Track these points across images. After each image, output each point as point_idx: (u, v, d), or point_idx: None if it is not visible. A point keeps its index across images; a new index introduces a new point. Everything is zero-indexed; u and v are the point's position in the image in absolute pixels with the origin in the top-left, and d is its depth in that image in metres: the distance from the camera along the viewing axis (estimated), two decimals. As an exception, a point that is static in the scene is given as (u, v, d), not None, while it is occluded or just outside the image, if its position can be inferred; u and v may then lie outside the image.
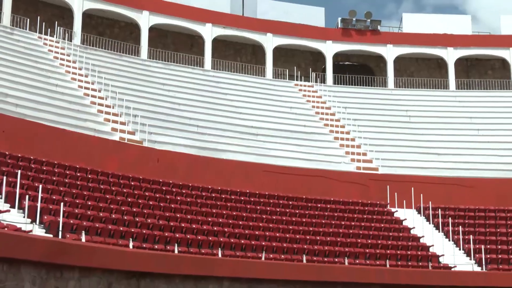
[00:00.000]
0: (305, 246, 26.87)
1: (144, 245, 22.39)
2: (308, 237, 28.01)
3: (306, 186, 33.80)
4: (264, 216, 29.07)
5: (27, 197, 21.16)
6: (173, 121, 36.14)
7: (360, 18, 48.09)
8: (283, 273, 23.77)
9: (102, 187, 26.35)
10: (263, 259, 24.78)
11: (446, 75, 48.00)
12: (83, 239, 20.60)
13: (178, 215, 25.89)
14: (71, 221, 21.29)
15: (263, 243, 25.90)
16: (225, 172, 32.79)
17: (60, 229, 20.51)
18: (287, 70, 47.06)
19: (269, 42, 46.37)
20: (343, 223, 30.75)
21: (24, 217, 20.70)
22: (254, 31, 46.28)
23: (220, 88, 42.40)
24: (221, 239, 25.00)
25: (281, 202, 31.55)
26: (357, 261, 27.26)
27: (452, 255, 29.54)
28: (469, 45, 48.03)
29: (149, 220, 24.25)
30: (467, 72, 49.37)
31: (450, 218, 32.55)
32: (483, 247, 29.66)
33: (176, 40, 45.95)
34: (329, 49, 47.37)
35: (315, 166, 35.86)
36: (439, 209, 33.07)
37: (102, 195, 25.44)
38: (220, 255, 23.72)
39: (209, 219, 26.80)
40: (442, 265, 28.64)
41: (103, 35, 43.23)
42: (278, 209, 30.49)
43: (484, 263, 28.99)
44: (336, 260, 26.86)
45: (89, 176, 27.02)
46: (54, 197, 22.90)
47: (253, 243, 25.72)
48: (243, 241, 25.58)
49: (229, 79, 44.23)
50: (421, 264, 28.31)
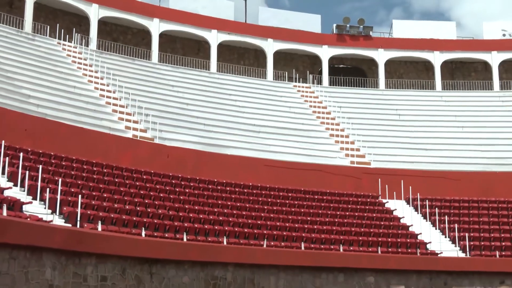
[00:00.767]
0: (303, 234, 26.88)
1: (155, 234, 22.41)
2: (306, 226, 28.02)
3: (304, 179, 33.80)
4: (265, 207, 29.09)
5: (47, 190, 21.18)
6: (182, 119, 36.16)
7: (353, 24, 47.99)
8: (283, 259, 23.80)
9: (116, 180, 26.39)
10: (264, 246, 24.81)
11: (432, 77, 47.94)
12: (99, 229, 20.62)
13: (186, 206, 25.92)
14: (88, 212, 21.31)
15: (264, 232, 25.92)
16: (230, 166, 32.80)
17: (78, 219, 20.55)
18: (286, 72, 47.01)
19: (270, 47, 46.33)
20: (338, 213, 30.75)
21: (45, 208, 20.71)
22: (256, 36, 46.23)
23: (224, 89, 42.39)
24: (226, 228, 25.01)
25: (281, 194, 31.57)
26: (351, 248, 27.26)
27: (439, 242, 29.54)
28: (454, 49, 47.96)
29: (160, 211, 24.28)
30: (452, 74, 49.30)
31: (437, 208, 32.55)
32: (467, 235, 29.67)
33: (184, 45, 45.93)
34: (325, 53, 47.32)
35: (312, 161, 35.88)
36: (427, 200, 33.07)
37: (117, 188, 25.48)
38: (225, 243, 23.73)
39: (215, 209, 26.82)
40: (429, 251, 28.65)
41: (117, 40, 43.22)
42: (278, 201, 30.51)
43: (467, 250, 28.99)
44: (332, 247, 26.87)
45: (105, 171, 27.06)
46: (72, 190, 22.93)
47: (255, 231, 25.75)
48: (246, 230, 25.60)
49: (233, 81, 44.21)
50: (410, 250, 28.32)
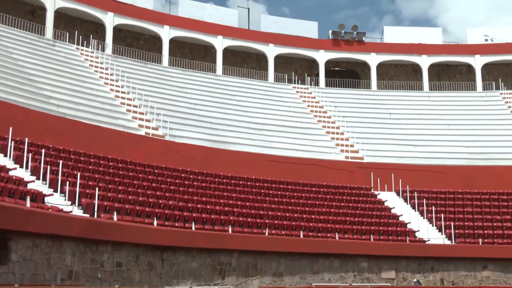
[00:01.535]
0: (301, 224, 26.87)
1: (166, 223, 22.42)
2: (304, 216, 28.00)
3: (302, 173, 33.79)
4: (267, 199, 29.07)
5: (67, 183, 21.20)
6: (190, 118, 36.12)
7: (347, 30, 47.89)
8: (284, 246, 23.82)
9: (130, 174, 26.38)
10: (266, 234, 24.81)
11: (420, 79, 47.83)
12: (115, 218, 20.63)
13: (195, 198, 25.91)
14: (105, 203, 21.32)
15: (266, 221, 25.91)
16: (234, 161, 32.79)
17: (95, 210, 20.58)
18: (286, 75, 46.94)
19: (271, 51, 46.25)
20: (333, 204, 30.72)
21: (65, 200, 20.73)
22: (258, 42, 46.16)
23: (229, 91, 42.35)
24: (231, 218, 25.01)
25: (281, 186, 31.55)
26: (345, 236, 27.24)
27: (426, 230, 29.51)
28: (440, 53, 47.84)
29: (170, 202, 24.28)
30: (438, 76, 49.19)
31: (424, 199, 32.52)
32: (452, 223, 29.66)
33: (192, 50, 45.87)
34: (321, 57, 47.23)
35: (310, 156, 35.85)
36: (415, 192, 33.03)
37: (131, 181, 25.47)
38: (230, 232, 23.73)
39: (221, 201, 26.81)
40: (417, 239, 28.61)
41: (130, 46, 43.18)
42: (279, 192, 30.49)
43: (453, 237, 28.97)
44: (328, 235, 26.85)
45: (120, 165, 27.06)
46: (90, 183, 22.94)
47: (258, 221, 25.73)
48: (249, 220, 25.59)
49: (237, 83, 44.15)
50: (399, 238, 28.29)
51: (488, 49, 47.65)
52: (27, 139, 22.99)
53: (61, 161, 22.48)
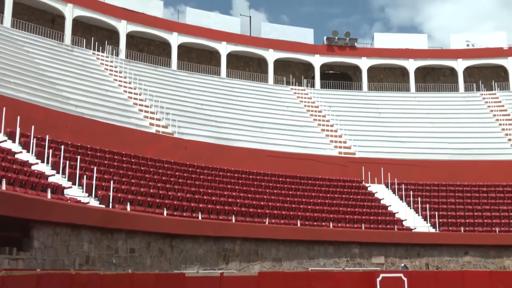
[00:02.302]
0: (299, 213, 26.90)
1: (175, 213, 22.46)
2: (301, 206, 28.03)
3: (299, 167, 33.80)
4: (267, 190, 29.10)
5: (85, 176, 21.25)
6: (197, 117, 36.11)
7: (341, 37, 47.78)
8: (282, 234, 23.87)
9: (142, 168, 26.40)
10: (266, 223, 24.84)
11: (407, 81, 47.75)
12: (128, 209, 20.67)
13: (201, 190, 25.94)
14: (119, 195, 21.35)
15: (266, 211, 25.94)
16: (237, 156, 32.80)
17: (111, 201, 20.61)
18: (284, 77, 46.89)
19: (271, 56, 46.20)
20: (328, 195, 30.75)
21: (82, 192, 20.78)
22: (259, 47, 46.11)
23: (233, 92, 42.32)
24: (235, 208, 25.04)
25: (280, 179, 31.57)
26: (339, 224, 27.28)
27: (413, 219, 29.53)
28: (425, 57, 47.76)
29: (179, 194, 24.30)
30: (424, 78, 49.11)
31: (411, 191, 32.53)
32: (436, 213, 29.66)
33: (198, 54, 45.83)
34: (317, 61, 47.17)
35: (306, 152, 35.83)
36: (403, 184, 33.04)
37: (143, 175, 25.50)
38: (233, 221, 23.78)
39: (225, 193, 26.84)
40: (405, 227, 28.64)
41: (142, 51, 43.16)
42: (278, 185, 30.51)
43: (437, 226, 28.99)
44: (323, 224, 26.88)
45: (133, 160, 27.08)
46: (105, 176, 22.97)
47: (259, 211, 25.77)
48: (251, 210, 25.63)
49: (240, 85, 44.11)
50: (388, 226, 28.32)
51: (469, 54, 47.55)
52: (48, 136, 23.01)
53: (79, 157, 22.52)
